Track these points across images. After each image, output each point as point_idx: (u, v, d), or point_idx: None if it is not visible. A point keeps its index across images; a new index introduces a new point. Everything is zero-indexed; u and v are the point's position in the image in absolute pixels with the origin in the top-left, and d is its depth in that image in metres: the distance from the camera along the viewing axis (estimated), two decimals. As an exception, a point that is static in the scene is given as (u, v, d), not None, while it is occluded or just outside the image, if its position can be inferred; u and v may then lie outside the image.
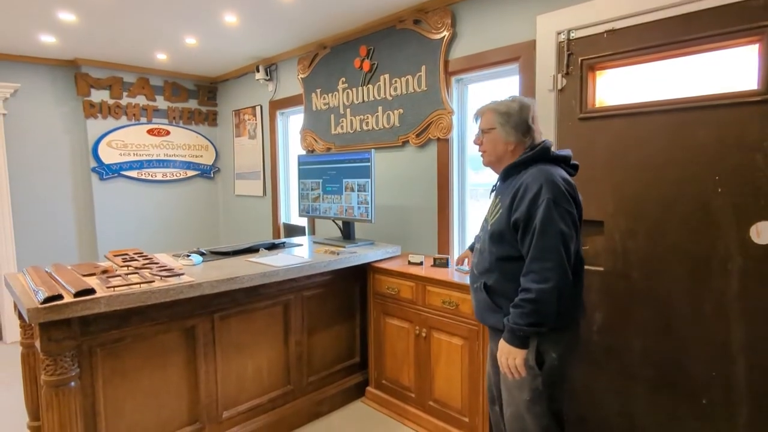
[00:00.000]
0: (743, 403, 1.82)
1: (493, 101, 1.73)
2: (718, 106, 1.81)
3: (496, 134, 1.68)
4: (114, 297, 1.72)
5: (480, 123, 1.74)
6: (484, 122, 1.72)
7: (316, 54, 3.62)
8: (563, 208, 1.47)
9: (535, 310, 1.44)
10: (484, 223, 1.76)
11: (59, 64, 4.07)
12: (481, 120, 1.74)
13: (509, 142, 1.67)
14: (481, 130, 1.73)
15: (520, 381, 1.56)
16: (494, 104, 1.71)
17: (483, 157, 1.77)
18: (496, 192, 1.75)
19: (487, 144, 1.71)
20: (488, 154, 1.73)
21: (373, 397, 2.77)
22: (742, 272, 1.79)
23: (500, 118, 1.67)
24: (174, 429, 2.09)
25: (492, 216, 1.67)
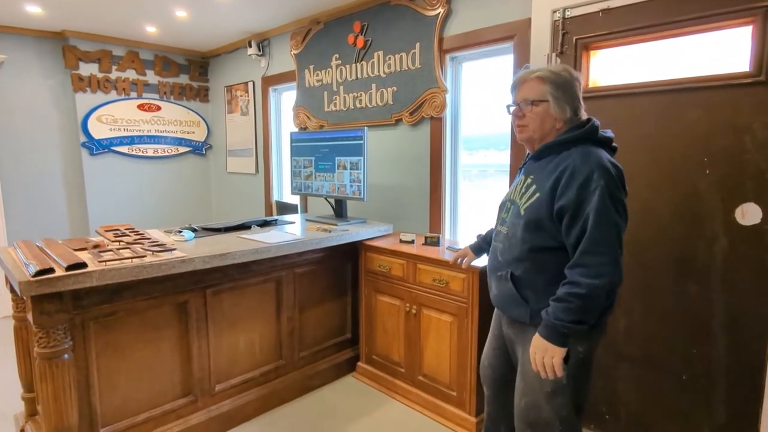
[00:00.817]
0: (722, 378, 1.89)
1: (537, 67, 1.47)
2: (709, 88, 1.82)
3: (546, 108, 1.43)
4: (106, 271, 1.73)
5: (524, 91, 1.47)
6: (532, 92, 1.44)
7: (310, 29, 3.57)
8: (617, 197, 1.32)
9: (582, 307, 1.28)
10: (511, 206, 1.54)
11: (46, 36, 3.98)
12: (525, 88, 1.47)
13: (560, 119, 1.44)
14: (525, 101, 1.46)
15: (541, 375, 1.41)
16: (544, 71, 1.44)
17: (522, 132, 1.50)
18: (527, 171, 1.53)
19: (532, 118, 1.45)
20: (531, 129, 1.47)
21: (363, 372, 2.82)
22: (726, 253, 1.83)
23: (554, 89, 1.42)
24: (167, 401, 2.12)
25: (524, 199, 1.47)
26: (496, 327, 1.72)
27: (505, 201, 1.61)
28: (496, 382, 1.73)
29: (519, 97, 1.48)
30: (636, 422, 2.13)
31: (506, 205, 1.59)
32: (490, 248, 1.67)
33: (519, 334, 1.54)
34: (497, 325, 1.70)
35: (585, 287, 1.27)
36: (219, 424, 2.27)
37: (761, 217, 1.74)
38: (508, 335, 1.61)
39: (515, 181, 1.63)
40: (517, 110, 1.49)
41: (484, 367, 1.77)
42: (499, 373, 1.71)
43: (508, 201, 1.58)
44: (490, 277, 1.63)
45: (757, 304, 1.78)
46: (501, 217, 1.61)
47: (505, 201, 1.62)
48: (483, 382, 1.80)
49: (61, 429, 1.72)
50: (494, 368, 1.72)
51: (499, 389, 1.73)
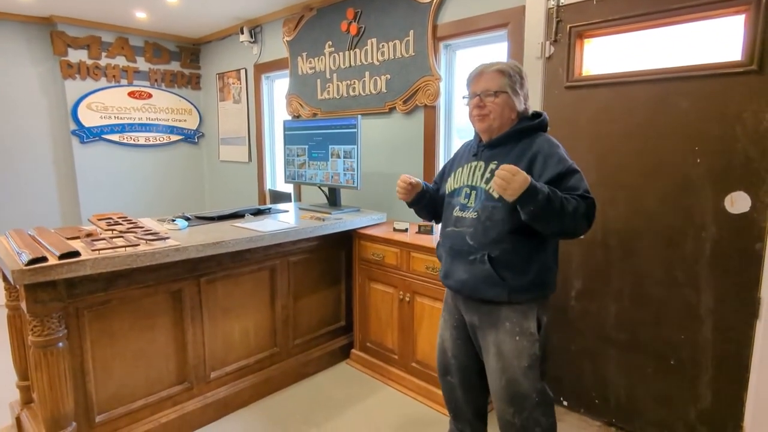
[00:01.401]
0: (708, 363, 1.93)
1: (494, 62, 1.59)
2: (701, 77, 1.83)
3: (506, 99, 1.54)
4: (99, 260, 1.73)
5: (484, 83, 1.56)
6: (493, 83, 1.54)
7: (302, 16, 3.53)
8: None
9: (574, 208, 1.40)
10: (471, 191, 1.59)
11: (33, 21, 3.91)
12: (485, 80, 1.56)
13: (515, 110, 1.56)
14: (486, 91, 1.55)
15: (520, 348, 1.51)
16: (503, 65, 1.56)
17: (483, 120, 1.58)
18: (484, 158, 1.60)
19: (494, 107, 1.54)
20: (492, 118, 1.55)
21: (357, 359, 2.85)
22: (715, 241, 1.86)
23: (512, 82, 1.54)
24: (163, 388, 2.13)
25: (490, 182, 1.51)
26: (453, 318, 1.72)
27: (461, 187, 1.64)
28: (461, 370, 1.72)
29: (479, 88, 1.57)
30: (624, 406, 2.18)
31: (463, 191, 1.62)
32: (447, 234, 1.65)
33: (489, 316, 1.56)
34: (455, 316, 1.71)
35: (586, 201, 1.44)
36: (215, 411, 2.29)
37: (750, 206, 1.77)
38: (472, 322, 1.63)
39: (461, 167, 1.67)
40: (478, 100, 1.57)
41: (447, 358, 1.75)
42: (463, 362, 1.71)
43: (466, 187, 1.62)
44: (454, 262, 1.61)
45: (744, 291, 1.82)
46: (460, 203, 1.62)
47: (460, 187, 1.64)
48: (445, 374, 1.77)
49: (57, 417, 1.73)
50: (458, 358, 1.72)
51: (464, 377, 1.72)
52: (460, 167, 1.69)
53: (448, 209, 1.68)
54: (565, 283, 2.29)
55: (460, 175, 1.67)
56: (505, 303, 1.53)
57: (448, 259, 1.65)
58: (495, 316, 1.55)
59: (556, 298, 2.34)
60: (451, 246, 1.62)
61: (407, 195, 1.76)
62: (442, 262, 1.72)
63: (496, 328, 1.55)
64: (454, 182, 1.68)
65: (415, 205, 1.82)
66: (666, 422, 2.06)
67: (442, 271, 1.70)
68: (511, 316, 1.53)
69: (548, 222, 1.40)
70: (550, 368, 2.37)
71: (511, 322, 1.53)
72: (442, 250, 1.71)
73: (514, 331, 1.52)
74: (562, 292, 2.31)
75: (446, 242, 1.66)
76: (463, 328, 1.69)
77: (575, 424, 2.26)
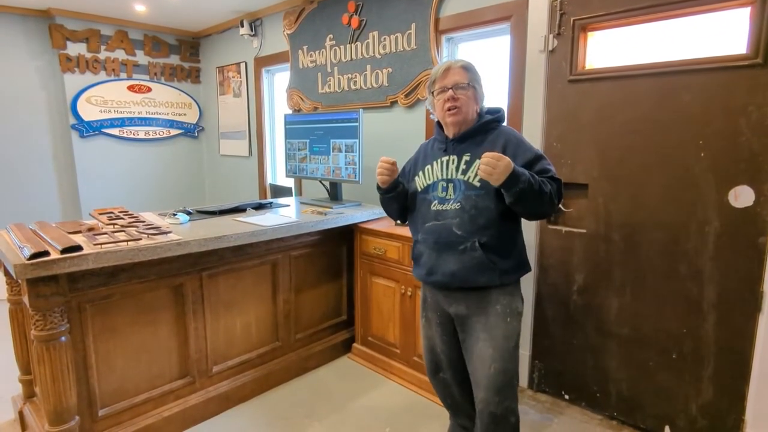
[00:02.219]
0: (710, 357, 1.93)
1: (455, 58, 1.70)
2: (705, 70, 1.82)
3: (473, 93, 1.63)
4: (101, 254, 1.72)
5: (453, 77, 1.62)
6: (462, 77, 1.62)
7: (303, 9, 3.51)
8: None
9: (548, 191, 1.50)
10: (449, 183, 1.63)
11: (31, 14, 3.88)
12: (453, 74, 1.62)
13: (478, 104, 1.66)
14: (457, 85, 1.61)
15: (510, 330, 1.58)
16: (464, 62, 1.65)
17: (456, 114, 1.61)
18: (455, 151, 1.64)
19: (465, 101, 1.61)
20: (465, 111, 1.62)
21: (359, 353, 2.85)
22: (718, 234, 1.86)
23: (476, 78, 1.65)
24: (165, 382, 2.14)
25: (472, 173, 1.58)
26: (436, 316, 1.74)
27: (436, 182, 1.67)
28: (453, 364, 1.76)
29: (450, 81, 1.62)
30: (626, 400, 2.18)
31: (439, 185, 1.66)
32: (428, 229, 1.66)
33: (479, 302, 1.61)
34: (437, 313, 1.74)
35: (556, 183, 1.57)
36: (217, 405, 2.29)
37: (753, 200, 1.76)
38: (458, 313, 1.66)
39: (429, 164, 1.71)
40: (452, 93, 1.61)
41: (436, 356, 1.79)
42: (454, 357, 1.75)
43: (442, 181, 1.65)
44: (441, 256, 1.62)
45: (746, 286, 1.81)
46: (438, 197, 1.65)
47: (434, 182, 1.67)
48: (437, 372, 1.81)
49: (60, 410, 1.73)
50: (448, 354, 1.75)
51: (456, 371, 1.76)
52: (428, 165, 1.71)
53: (423, 205, 1.69)
54: (567, 278, 2.29)
55: (431, 171, 1.70)
56: (494, 287, 1.59)
57: (432, 254, 1.65)
58: (485, 301, 1.60)
59: (558, 293, 2.34)
60: (436, 240, 1.63)
61: (390, 176, 1.72)
62: (420, 261, 1.71)
63: (486, 313, 1.60)
64: (426, 179, 1.71)
65: (390, 193, 1.77)
66: (667, 416, 2.07)
67: (423, 269, 1.69)
68: (501, 298, 1.60)
69: (530, 202, 1.49)
70: (551, 362, 2.38)
71: (501, 304, 1.60)
72: (423, 246, 1.69)
73: (505, 313, 1.59)
74: (564, 286, 2.32)
75: (429, 238, 1.66)
76: (448, 323, 1.72)
77: (577, 418, 2.27)
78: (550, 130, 2.28)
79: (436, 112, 1.70)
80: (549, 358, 2.41)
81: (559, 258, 2.32)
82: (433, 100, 1.69)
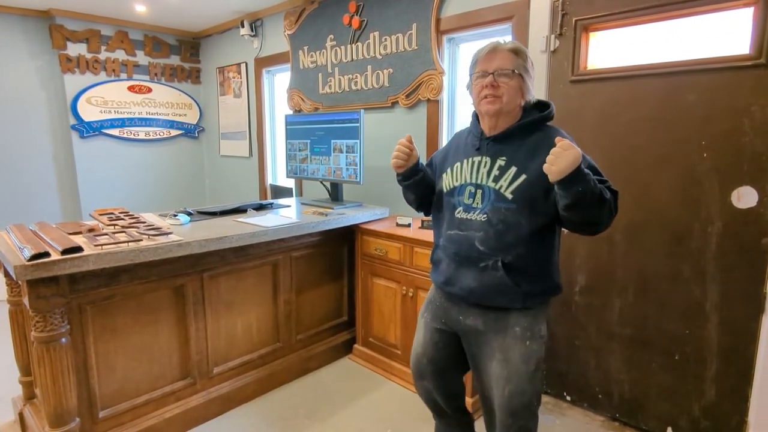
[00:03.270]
0: (713, 358, 1.92)
1: (506, 40, 1.44)
2: (708, 71, 1.82)
3: (520, 82, 1.39)
4: (102, 255, 1.71)
5: (499, 61, 1.39)
6: (509, 62, 1.38)
7: (304, 9, 3.50)
8: None
9: (605, 198, 1.29)
10: (477, 190, 1.45)
11: (31, 14, 3.87)
12: (499, 58, 1.39)
13: (525, 97, 1.42)
14: (500, 71, 1.38)
15: (529, 353, 1.42)
16: (516, 44, 1.42)
17: (494, 102, 1.39)
18: (489, 152, 1.45)
19: (507, 90, 1.38)
20: (505, 101, 1.39)
21: (360, 354, 2.84)
22: (721, 235, 1.85)
23: (526, 65, 1.40)
24: (166, 383, 2.13)
25: (504, 182, 1.40)
26: (439, 321, 1.60)
27: (463, 185, 1.48)
28: (437, 374, 1.62)
29: (493, 66, 1.39)
30: (628, 401, 2.18)
31: (467, 189, 1.47)
32: (450, 237, 1.50)
33: (496, 322, 1.45)
34: (441, 319, 1.59)
35: (613, 195, 1.34)
36: (218, 406, 2.29)
37: (757, 200, 1.76)
38: (474, 326, 1.49)
39: (460, 162, 1.51)
40: (492, 79, 1.39)
41: (422, 364, 1.63)
42: (441, 368, 1.61)
43: (470, 185, 1.46)
44: (460, 269, 1.48)
45: (749, 287, 1.81)
46: (463, 203, 1.47)
47: (462, 185, 1.48)
48: (421, 378, 1.66)
49: (60, 412, 1.72)
50: (436, 363, 1.61)
51: (440, 381, 1.63)
52: (458, 162, 1.51)
53: (447, 209, 1.52)
54: (570, 278, 2.29)
55: (461, 171, 1.50)
56: (515, 309, 1.43)
57: (452, 265, 1.50)
58: (503, 323, 1.44)
59: (561, 294, 2.33)
60: (457, 252, 1.47)
61: (406, 162, 1.53)
62: (439, 267, 1.57)
63: (504, 334, 1.44)
64: (454, 179, 1.52)
65: (408, 180, 1.58)
66: (670, 417, 2.06)
67: (441, 276, 1.54)
68: (522, 321, 1.43)
69: (588, 209, 1.26)
70: (552, 363, 2.37)
71: (521, 327, 1.43)
72: (442, 254, 1.54)
73: (525, 336, 1.43)
74: (566, 287, 2.30)
75: (450, 247, 1.50)
76: (450, 334, 1.58)
77: (579, 419, 2.26)
78: (552, 131, 2.27)
79: (473, 97, 1.48)
80: (551, 358, 2.41)
81: (562, 259, 2.29)
82: (472, 84, 1.47)
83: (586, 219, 1.31)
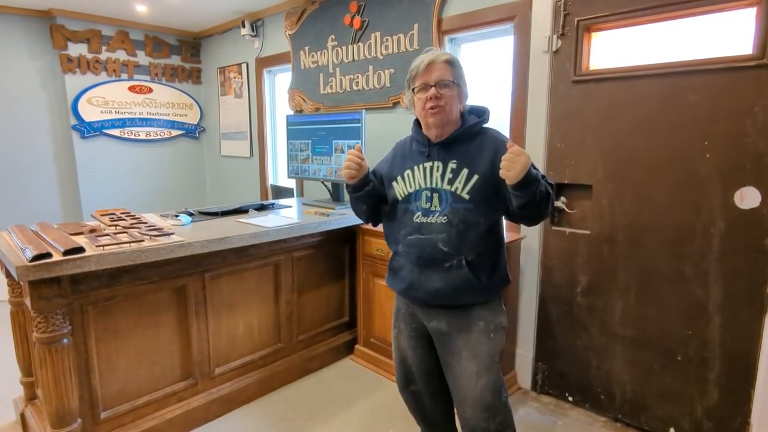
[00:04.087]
0: (715, 359, 1.92)
1: (437, 51, 1.48)
2: (711, 71, 1.81)
3: (458, 91, 1.47)
4: (104, 256, 1.71)
5: (438, 73, 1.43)
6: (447, 73, 1.44)
7: (305, 9, 3.50)
8: None
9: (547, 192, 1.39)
10: (433, 193, 1.48)
11: (32, 14, 3.87)
12: (437, 70, 1.43)
13: (462, 103, 1.50)
14: (441, 82, 1.43)
15: (494, 345, 1.49)
16: (448, 56, 1.47)
17: (438, 113, 1.44)
18: (439, 157, 1.49)
19: (448, 100, 1.44)
20: (448, 110, 1.45)
21: (361, 355, 2.84)
22: (724, 236, 1.85)
23: (460, 74, 1.48)
24: (168, 384, 2.13)
25: (458, 183, 1.45)
26: (410, 328, 1.63)
27: (419, 190, 1.50)
28: (425, 376, 1.65)
29: (433, 78, 1.43)
30: (630, 402, 2.17)
31: (423, 194, 1.49)
32: (411, 242, 1.52)
33: (459, 319, 1.50)
34: (411, 325, 1.62)
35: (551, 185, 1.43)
36: (220, 407, 2.28)
37: (760, 201, 1.75)
38: (438, 329, 1.53)
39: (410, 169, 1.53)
40: (435, 91, 1.43)
41: (406, 366, 1.67)
42: (425, 369, 1.64)
43: (426, 189, 1.49)
44: (424, 272, 1.50)
45: (753, 287, 1.81)
46: (421, 207, 1.49)
47: (418, 191, 1.51)
48: (408, 384, 1.69)
49: (62, 413, 1.72)
50: (420, 366, 1.64)
51: (428, 382, 1.66)
52: (408, 170, 1.54)
53: (406, 215, 1.54)
54: (571, 279, 2.28)
55: (413, 178, 1.52)
56: (478, 304, 1.50)
57: (415, 269, 1.52)
58: (466, 319, 1.50)
59: (562, 294, 2.33)
60: (420, 255, 1.50)
61: (359, 172, 1.54)
62: (399, 274, 1.58)
63: (469, 331, 1.49)
64: (408, 186, 1.53)
65: (358, 192, 1.59)
66: (672, 418, 2.06)
67: (403, 282, 1.55)
68: (485, 314, 1.50)
69: (540, 204, 1.36)
70: (554, 363, 2.37)
71: (484, 320, 1.49)
72: (403, 260, 1.55)
73: (488, 329, 1.49)
74: (567, 287, 2.31)
75: (411, 252, 1.52)
76: (423, 337, 1.61)
77: (581, 420, 2.26)
78: (554, 131, 2.27)
79: (416, 110, 1.52)
80: (552, 359, 2.40)
81: (563, 259, 2.31)
82: (412, 97, 1.51)
83: (537, 213, 1.43)
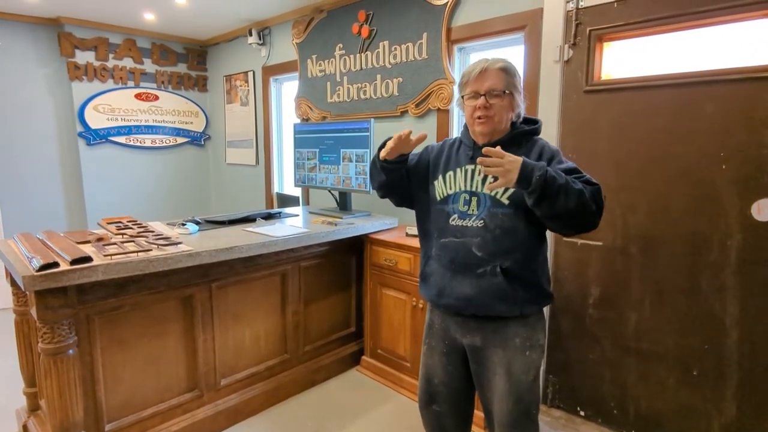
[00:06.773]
0: (733, 374, 1.88)
1: (494, 58, 1.44)
2: (728, 81, 1.79)
3: (510, 101, 1.43)
4: (112, 265, 1.69)
5: (489, 81, 1.40)
6: (499, 82, 1.40)
7: (312, 18, 3.50)
8: None
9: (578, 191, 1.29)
10: (471, 197, 1.46)
11: (41, 23, 3.88)
12: (490, 78, 1.41)
13: (515, 112, 1.46)
14: (492, 91, 1.40)
15: (528, 363, 1.44)
16: (505, 62, 1.43)
17: (486, 123, 1.42)
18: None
19: (499, 110, 1.41)
20: (497, 120, 1.42)
21: (368, 366, 2.80)
22: (741, 248, 1.82)
23: (515, 82, 1.43)
24: (173, 396, 2.09)
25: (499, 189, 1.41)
26: (443, 344, 1.57)
27: (458, 193, 1.48)
28: (451, 397, 1.60)
29: (484, 87, 1.41)
30: (644, 418, 2.13)
31: (462, 196, 1.47)
32: (445, 245, 1.49)
33: (495, 334, 1.46)
34: (444, 341, 1.57)
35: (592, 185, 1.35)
36: (226, 419, 2.24)
37: (778, 213, 1.72)
38: (473, 344, 1.50)
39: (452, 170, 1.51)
40: (484, 101, 1.41)
41: (433, 386, 1.61)
42: (454, 389, 1.59)
43: (464, 193, 1.47)
44: (456, 277, 1.46)
45: (771, 300, 1.77)
46: (458, 210, 1.47)
47: (456, 193, 1.49)
48: (430, 403, 1.63)
49: (66, 425, 1.69)
50: (449, 386, 1.59)
51: (453, 404, 1.61)
52: (450, 171, 1.52)
53: (441, 217, 1.51)
54: (583, 291, 2.25)
55: (454, 180, 1.50)
56: (513, 318, 1.44)
57: (447, 274, 1.48)
58: (502, 334, 1.45)
59: (574, 306, 2.29)
60: (452, 259, 1.46)
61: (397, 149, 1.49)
62: (429, 280, 1.54)
63: (504, 347, 1.45)
64: (447, 187, 1.51)
65: (391, 165, 1.54)
66: (688, 434, 2.01)
67: (433, 289, 1.51)
68: (521, 331, 1.45)
69: (556, 199, 1.26)
70: (565, 377, 2.33)
71: (520, 337, 1.44)
72: (436, 264, 1.52)
73: (524, 347, 1.44)
74: (579, 299, 2.27)
75: (444, 255, 1.49)
76: (456, 353, 1.56)
77: (593, 435, 2.21)
78: (566, 141, 2.25)
79: (465, 115, 1.51)
80: (564, 372, 2.36)
81: (575, 271, 2.28)
82: (463, 102, 1.49)
83: (558, 211, 1.29)
